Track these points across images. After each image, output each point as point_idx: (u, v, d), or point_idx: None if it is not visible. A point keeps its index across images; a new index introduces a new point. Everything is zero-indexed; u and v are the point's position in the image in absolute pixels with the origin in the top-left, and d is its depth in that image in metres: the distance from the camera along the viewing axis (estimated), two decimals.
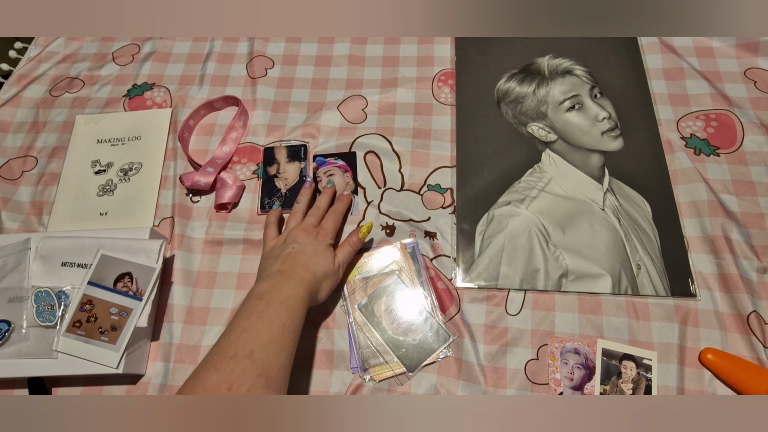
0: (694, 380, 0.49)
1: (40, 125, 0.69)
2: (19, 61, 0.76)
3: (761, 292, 0.51)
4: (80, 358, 0.48)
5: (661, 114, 0.63)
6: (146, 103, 0.69)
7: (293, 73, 0.70)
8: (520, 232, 0.56)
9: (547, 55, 0.67)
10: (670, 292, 0.52)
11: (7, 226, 0.61)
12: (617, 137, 0.61)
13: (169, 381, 0.52)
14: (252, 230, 0.59)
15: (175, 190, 0.62)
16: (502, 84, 0.66)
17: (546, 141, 0.62)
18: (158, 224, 0.60)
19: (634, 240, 0.55)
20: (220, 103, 0.68)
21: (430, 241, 0.57)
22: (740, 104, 0.62)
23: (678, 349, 0.50)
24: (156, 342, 0.54)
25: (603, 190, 0.58)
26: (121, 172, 0.64)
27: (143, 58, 0.73)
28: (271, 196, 0.61)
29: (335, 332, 0.53)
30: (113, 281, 0.50)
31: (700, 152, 0.60)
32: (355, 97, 0.67)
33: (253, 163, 0.64)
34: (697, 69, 0.65)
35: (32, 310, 0.50)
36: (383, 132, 0.64)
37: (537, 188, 0.59)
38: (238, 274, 0.57)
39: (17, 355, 0.49)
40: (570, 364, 0.50)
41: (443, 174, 0.61)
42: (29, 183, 0.64)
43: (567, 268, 0.54)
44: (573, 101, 0.63)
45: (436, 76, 0.68)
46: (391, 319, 0.53)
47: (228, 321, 0.54)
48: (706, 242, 0.54)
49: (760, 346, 0.49)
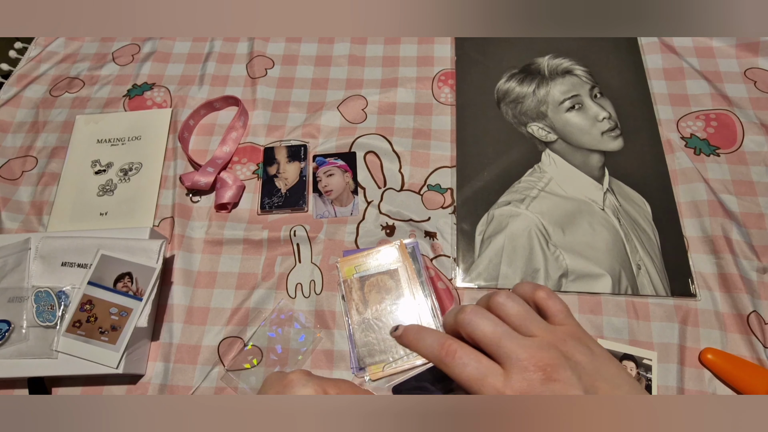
0: (694, 380, 0.49)
1: (40, 125, 0.69)
2: (19, 61, 0.76)
3: (761, 292, 0.51)
4: (80, 358, 0.48)
5: (661, 114, 0.63)
6: (146, 103, 0.69)
7: (293, 73, 0.70)
8: (520, 232, 0.56)
9: (547, 55, 0.67)
10: (670, 292, 0.52)
11: (7, 226, 0.61)
12: (617, 137, 0.61)
13: (169, 381, 0.52)
14: (252, 230, 0.59)
15: (175, 190, 0.62)
16: (502, 84, 0.66)
17: (546, 141, 0.62)
18: (158, 224, 0.60)
19: (634, 240, 0.55)
20: (220, 103, 0.68)
21: (430, 241, 0.57)
22: (740, 104, 0.62)
23: (678, 349, 0.50)
24: (156, 342, 0.54)
25: (603, 190, 0.58)
26: (121, 172, 0.64)
27: (143, 58, 0.73)
28: (271, 196, 0.61)
29: (335, 332, 0.53)
30: (113, 281, 0.50)
31: (700, 152, 0.60)
32: (355, 97, 0.67)
33: (253, 163, 0.64)
34: (697, 69, 0.65)
35: (32, 310, 0.50)
36: (383, 132, 0.64)
37: (537, 188, 0.59)
38: (238, 274, 0.57)
39: (17, 355, 0.49)
40: None
41: (443, 174, 0.61)
42: (29, 183, 0.64)
43: (567, 268, 0.54)
44: (573, 101, 0.63)
45: (436, 76, 0.68)
46: (388, 319, 0.53)
47: (228, 321, 0.54)
48: (706, 242, 0.54)
49: (760, 346, 0.49)
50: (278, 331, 0.53)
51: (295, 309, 0.55)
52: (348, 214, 0.59)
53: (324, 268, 0.57)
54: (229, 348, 0.53)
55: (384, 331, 0.52)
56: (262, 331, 0.54)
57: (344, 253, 0.57)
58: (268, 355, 0.52)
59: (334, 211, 0.60)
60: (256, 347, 0.53)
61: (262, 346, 0.53)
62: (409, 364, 0.50)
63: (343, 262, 0.56)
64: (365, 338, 0.52)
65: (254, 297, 0.55)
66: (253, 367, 0.52)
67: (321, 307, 0.54)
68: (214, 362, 0.52)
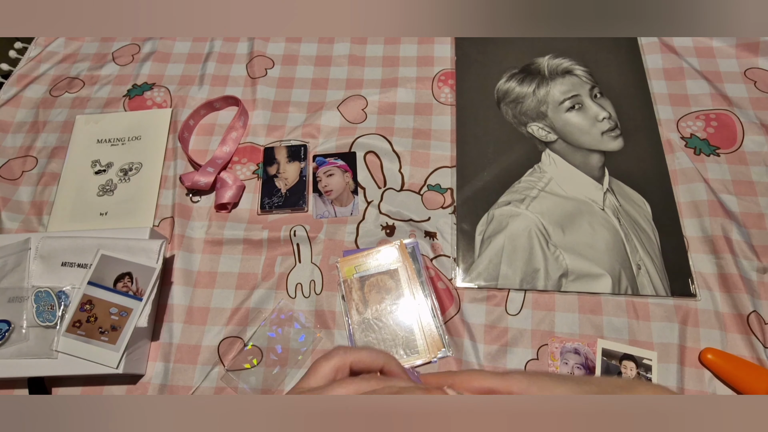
0: (694, 380, 0.49)
1: (40, 125, 0.69)
2: (19, 61, 0.76)
3: (761, 292, 0.51)
4: (80, 358, 0.48)
5: (661, 114, 0.63)
6: (146, 103, 0.69)
7: (293, 73, 0.70)
8: (520, 232, 0.56)
9: (547, 55, 0.67)
10: (670, 292, 0.52)
11: (7, 226, 0.61)
12: (617, 137, 0.61)
13: (169, 381, 0.52)
14: (252, 230, 0.59)
15: (175, 190, 0.62)
16: (502, 84, 0.66)
17: (546, 141, 0.62)
18: (158, 224, 0.60)
19: (634, 240, 0.55)
20: (220, 103, 0.68)
21: (430, 241, 0.57)
22: (740, 104, 0.62)
23: (678, 349, 0.50)
24: (156, 342, 0.54)
25: (603, 190, 0.58)
26: (121, 172, 0.64)
27: (143, 58, 0.73)
28: (271, 196, 0.61)
29: (335, 332, 0.53)
30: (113, 281, 0.50)
31: (700, 152, 0.60)
32: (355, 97, 0.67)
33: (253, 163, 0.64)
34: (697, 69, 0.65)
35: (32, 310, 0.50)
36: (383, 132, 0.64)
37: (537, 188, 0.59)
38: (238, 274, 0.57)
39: (17, 355, 0.49)
40: (570, 364, 0.50)
41: (443, 174, 0.61)
42: (29, 183, 0.64)
43: (567, 268, 0.54)
44: (573, 101, 0.63)
45: (436, 76, 0.68)
46: (388, 319, 0.53)
47: (228, 321, 0.54)
48: (706, 242, 0.54)
49: (760, 346, 0.49)
50: (278, 331, 0.53)
51: (295, 309, 0.55)
52: (348, 214, 0.59)
53: (324, 268, 0.57)
54: (229, 348, 0.53)
55: (384, 331, 0.52)
56: (262, 331, 0.54)
57: (344, 253, 0.57)
58: (268, 355, 0.52)
59: (334, 211, 0.60)
60: (256, 347, 0.53)
61: (262, 346, 0.53)
62: (409, 364, 0.50)
63: (343, 262, 0.56)
64: (365, 338, 0.52)
65: (254, 297, 0.55)
66: (253, 367, 0.52)
67: (321, 307, 0.54)
68: (214, 362, 0.52)
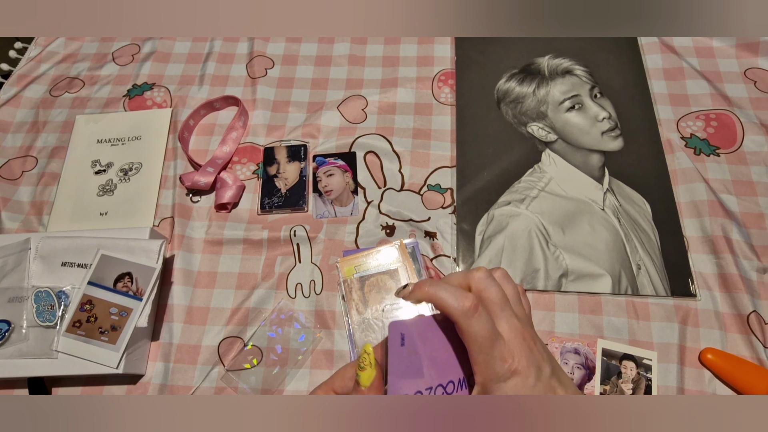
0: (694, 380, 0.49)
1: (40, 125, 0.69)
2: (19, 61, 0.76)
3: (761, 292, 0.51)
4: (80, 358, 0.48)
5: (661, 114, 0.63)
6: (146, 103, 0.69)
7: (293, 73, 0.70)
8: (520, 232, 0.56)
9: (547, 55, 0.67)
10: (670, 292, 0.52)
11: (7, 226, 0.61)
12: (617, 137, 0.61)
13: (169, 381, 0.52)
14: (252, 230, 0.59)
15: (175, 190, 0.62)
16: (502, 84, 0.66)
17: (546, 141, 0.62)
18: (158, 224, 0.60)
19: (634, 240, 0.55)
20: (220, 103, 0.68)
21: (430, 241, 0.57)
22: (740, 104, 0.62)
23: (678, 349, 0.50)
24: (156, 342, 0.54)
25: (603, 190, 0.58)
26: (121, 172, 0.64)
27: (143, 58, 0.73)
28: (271, 196, 0.61)
29: (335, 332, 0.53)
30: (113, 281, 0.50)
31: (700, 152, 0.60)
32: (355, 97, 0.67)
33: (253, 163, 0.64)
34: (697, 69, 0.65)
35: (32, 310, 0.50)
36: (383, 132, 0.64)
37: (537, 188, 0.59)
38: (238, 274, 0.57)
39: (17, 355, 0.49)
40: (570, 364, 0.50)
41: (443, 174, 0.61)
42: (29, 183, 0.64)
43: (567, 268, 0.54)
44: (573, 101, 0.63)
45: (436, 76, 0.68)
46: (387, 319, 0.53)
47: (228, 321, 0.54)
48: (706, 242, 0.54)
49: (760, 346, 0.49)
50: (278, 331, 0.53)
51: (295, 309, 0.55)
52: (348, 214, 0.59)
53: (324, 268, 0.57)
54: (229, 348, 0.53)
55: (384, 331, 0.52)
56: (262, 331, 0.54)
57: (344, 253, 0.57)
58: (268, 355, 0.52)
59: (334, 211, 0.60)
60: (256, 347, 0.53)
61: (262, 346, 0.53)
62: None
63: (343, 262, 0.56)
64: (365, 338, 0.52)
65: (254, 297, 0.55)
66: (253, 367, 0.52)
67: (321, 307, 0.54)
68: (214, 362, 0.52)
